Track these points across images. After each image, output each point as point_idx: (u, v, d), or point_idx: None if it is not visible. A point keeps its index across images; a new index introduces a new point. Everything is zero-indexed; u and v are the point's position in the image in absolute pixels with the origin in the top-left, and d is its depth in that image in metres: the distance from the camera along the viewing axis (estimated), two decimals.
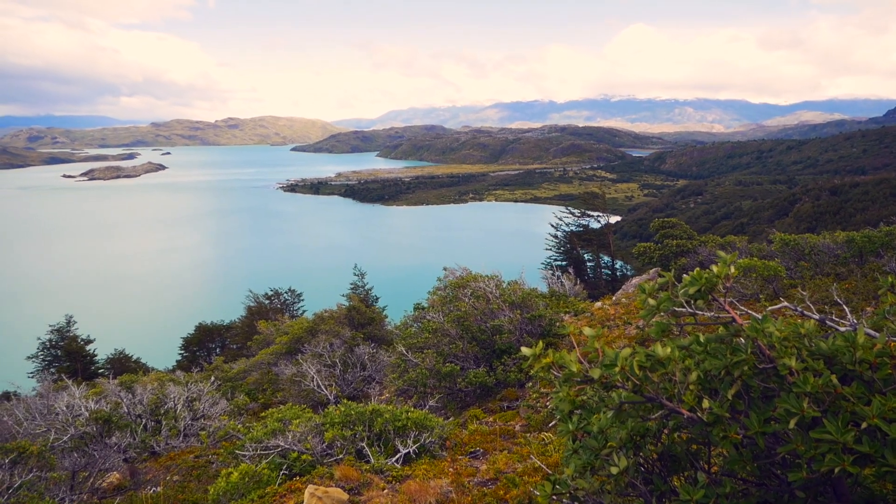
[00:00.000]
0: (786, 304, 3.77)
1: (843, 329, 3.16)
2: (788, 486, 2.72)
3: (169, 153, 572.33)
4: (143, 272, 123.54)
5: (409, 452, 8.21)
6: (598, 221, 53.89)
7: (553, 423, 8.97)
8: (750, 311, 3.15)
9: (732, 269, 2.87)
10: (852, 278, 13.30)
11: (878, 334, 2.66)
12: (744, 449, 2.72)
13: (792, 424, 2.44)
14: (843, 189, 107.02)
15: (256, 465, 8.03)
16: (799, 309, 3.73)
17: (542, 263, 48.64)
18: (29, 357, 38.38)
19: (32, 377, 35.56)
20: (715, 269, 2.87)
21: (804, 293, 5.79)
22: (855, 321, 3.75)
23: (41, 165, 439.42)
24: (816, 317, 3.43)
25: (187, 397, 13.85)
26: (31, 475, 8.87)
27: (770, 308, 3.70)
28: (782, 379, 2.60)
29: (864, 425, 2.38)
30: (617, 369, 2.74)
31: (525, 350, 3.05)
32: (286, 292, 44.19)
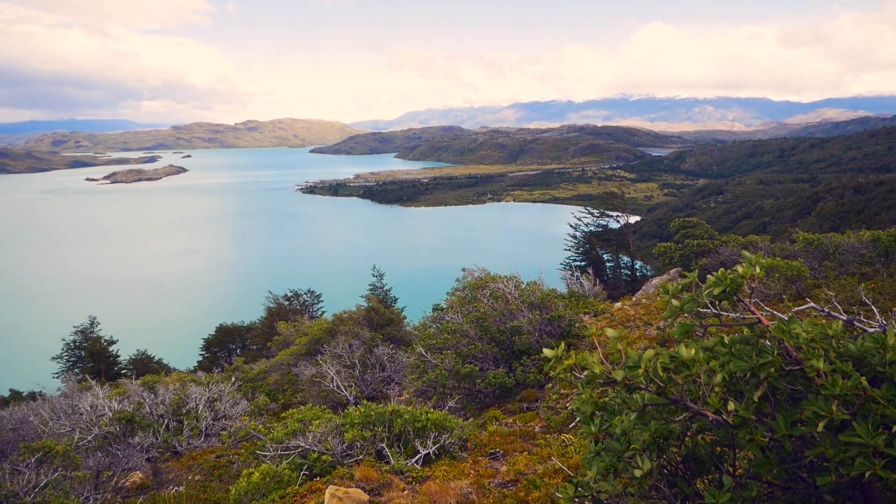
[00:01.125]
0: (812, 304, 3.71)
1: (871, 330, 3.11)
2: (816, 490, 2.68)
3: (189, 156, 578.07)
4: (164, 274, 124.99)
5: (428, 453, 8.21)
6: (618, 221, 53.60)
7: (573, 424, 8.91)
8: (775, 312, 3.10)
9: (758, 270, 2.83)
10: (878, 278, 13.08)
11: None
12: (770, 452, 2.69)
13: (820, 427, 2.40)
14: (868, 187, 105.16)
15: (277, 466, 8.08)
16: (826, 310, 3.67)
17: (561, 264, 48.52)
18: (53, 358, 38.99)
19: (57, 377, 36.17)
20: (740, 269, 2.83)
21: (830, 293, 5.70)
22: (884, 322, 3.68)
23: (65, 169, 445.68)
24: (844, 317, 3.37)
25: (208, 398, 13.98)
26: (56, 474, 9.00)
27: (796, 309, 3.64)
28: (810, 381, 2.56)
29: (894, 429, 2.33)
30: (640, 371, 2.71)
31: (547, 352, 3.03)
32: (305, 293, 44.44)
